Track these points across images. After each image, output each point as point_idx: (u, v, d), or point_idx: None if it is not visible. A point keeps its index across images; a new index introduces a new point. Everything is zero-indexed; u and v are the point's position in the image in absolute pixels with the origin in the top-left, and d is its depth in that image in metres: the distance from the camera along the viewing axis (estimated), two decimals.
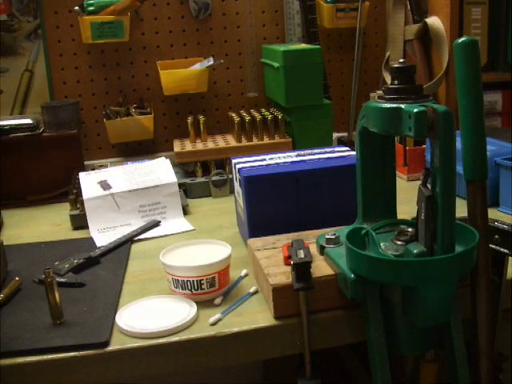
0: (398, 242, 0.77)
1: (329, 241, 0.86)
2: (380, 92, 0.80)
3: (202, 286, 0.86)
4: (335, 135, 1.59)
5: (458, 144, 0.73)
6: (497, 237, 0.84)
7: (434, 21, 1.48)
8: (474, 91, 0.75)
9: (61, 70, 1.56)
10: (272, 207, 1.01)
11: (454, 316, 0.77)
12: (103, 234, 1.17)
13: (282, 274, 0.82)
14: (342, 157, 1.09)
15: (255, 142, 1.46)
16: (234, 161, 1.11)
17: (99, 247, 1.09)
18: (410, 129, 0.70)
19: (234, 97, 1.66)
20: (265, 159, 1.10)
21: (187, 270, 0.86)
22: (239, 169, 1.05)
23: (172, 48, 1.60)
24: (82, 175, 1.29)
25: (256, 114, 1.48)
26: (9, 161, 1.39)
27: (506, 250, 0.82)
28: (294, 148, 1.45)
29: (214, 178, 1.39)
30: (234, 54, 1.64)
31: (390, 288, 0.76)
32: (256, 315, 0.82)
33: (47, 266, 0.82)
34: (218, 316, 0.82)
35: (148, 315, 0.83)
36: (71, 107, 1.45)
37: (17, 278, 0.95)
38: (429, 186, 0.72)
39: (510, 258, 0.82)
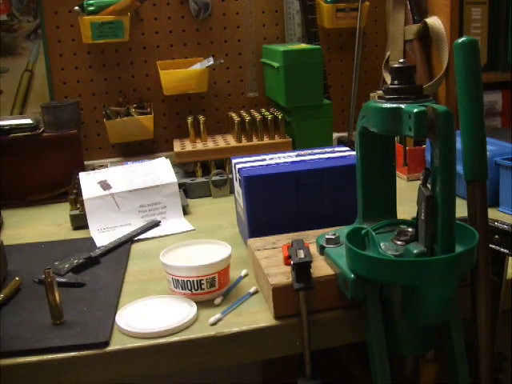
0: (398, 242, 0.77)
1: (329, 241, 0.86)
2: (380, 92, 0.80)
3: (202, 286, 0.86)
4: (335, 135, 1.59)
5: (458, 144, 0.73)
6: (497, 237, 0.84)
7: (433, 21, 1.48)
8: (474, 91, 0.75)
9: (61, 70, 1.56)
10: (272, 207, 1.01)
11: (454, 316, 0.77)
12: (103, 234, 1.17)
13: (281, 274, 0.82)
14: (342, 157, 1.09)
15: (255, 142, 1.46)
16: (234, 161, 1.11)
17: (99, 247, 1.09)
18: (410, 129, 0.70)
19: (233, 97, 1.66)
20: (265, 159, 1.10)
21: (187, 269, 0.86)
22: (239, 169, 1.05)
23: (172, 48, 1.60)
24: (82, 175, 1.29)
25: (256, 114, 1.48)
26: (9, 161, 1.39)
27: (506, 250, 0.82)
28: (294, 148, 1.45)
29: (214, 178, 1.39)
30: (234, 54, 1.64)
31: (389, 288, 0.76)
32: (256, 315, 0.82)
33: (47, 266, 0.82)
34: (218, 316, 0.82)
35: (148, 315, 0.83)
36: (71, 107, 1.45)
37: (17, 278, 0.95)
38: (429, 185, 0.72)
39: (510, 257, 0.82)
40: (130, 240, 1.13)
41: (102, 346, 0.77)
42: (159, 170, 1.30)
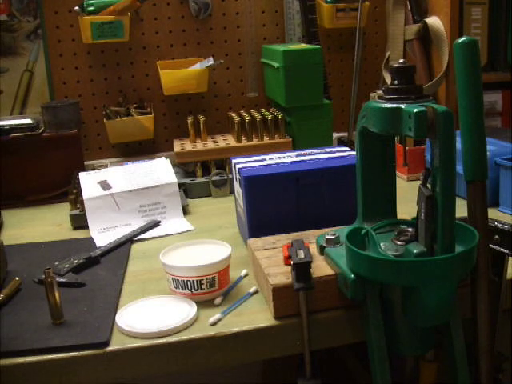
0: (398, 242, 0.77)
1: (329, 241, 0.86)
2: (380, 92, 0.80)
3: (202, 286, 0.86)
4: (335, 135, 1.59)
5: (458, 144, 0.73)
6: (497, 237, 0.84)
7: (433, 21, 1.49)
8: (474, 91, 0.75)
9: (61, 70, 1.56)
10: (272, 207, 1.01)
11: (454, 316, 0.77)
12: (103, 234, 1.17)
13: (281, 274, 0.82)
14: (342, 157, 1.09)
15: (255, 142, 1.46)
16: (234, 161, 1.11)
17: (99, 247, 1.09)
18: (410, 129, 0.70)
19: (234, 97, 1.66)
20: (265, 159, 1.10)
21: (187, 269, 0.86)
22: (239, 169, 1.05)
23: (172, 48, 1.60)
24: (82, 175, 1.29)
25: (256, 114, 1.48)
26: (9, 161, 1.39)
27: (506, 250, 0.82)
28: (294, 148, 1.45)
29: (214, 178, 1.39)
30: (234, 54, 1.64)
31: (390, 288, 0.76)
32: (256, 315, 0.82)
33: (47, 266, 0.82)
34: (218, 316, 0.82)
35: (148, 315, 0.83)
36: (71, 107, 1.45)
37: (17, 278, 0.95)
38: (429, 186, 0.72)
39: (510, 257, 0.82)
40: (129, 240, 1.13)
41: (101, 346, 0.77)
42: (159, 170, 1.30)
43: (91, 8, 1.45)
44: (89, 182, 1.26)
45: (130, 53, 1.58)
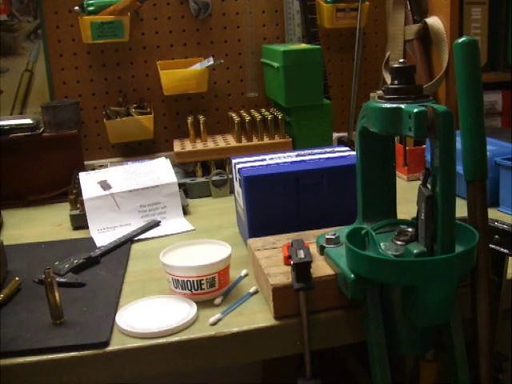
0: (398, 242, 0.77)
1: (329, 241, 0.86)
2: (380, 92, 0.80)
3: (202, 286, 0.86)
4: (335, 135, 1.59)
5: (458, 144, 0.73)
6: (497, 237, 0.84)
7: (433, 21, 1.49)
8: (474, 91, 0.75)
9: (61, 70, 1.56)
10: (272, 207, 1.01)
11: (454, 316, 0.77)
12: (103, 234, 1.17)
13: (281, 274, 0.82)
14: (342, 157, 1.09)
15: (255, 142, 1.46)
16: (234, 161, 1.11)
17: (99, 247, 1.09)
18: (410, 129, 0.70)
19: (233, 97, 1.66)
20: (265, 159, 1.10)
21: (187, 269, 0.86)
22: (239, 169, 1.05)
23: (172, 48, 1.60)
24: (82, 175, 1.29)
25: (256, 114, 1.48)
26: (9, 161, 1.39)
27: (506, 250, 0.82)
28: (294, 148, 1.45)
29: (214, 178, 1.39)
30: (234, 54, 1.64)
31: (390, 288, 0.76)
32: (256, 315, 0.82)
33: (47, 266, 0.82)
34: (218, 316, 0.82)
35: (148, 315, 0.83)
36: (71, 107, 1.45)
37: (17, 278, 0.95)
38: (429, 186, 0.72)
39: (510, 257, 0.82)
40: (129, 240, 1.13)
41: (101, 346, 0.77)
42: (159, 170, 1.30)
43: (91, 8, 1.45)
44: (89, 182, 1.26)
45: (130, 53, 1.58)
